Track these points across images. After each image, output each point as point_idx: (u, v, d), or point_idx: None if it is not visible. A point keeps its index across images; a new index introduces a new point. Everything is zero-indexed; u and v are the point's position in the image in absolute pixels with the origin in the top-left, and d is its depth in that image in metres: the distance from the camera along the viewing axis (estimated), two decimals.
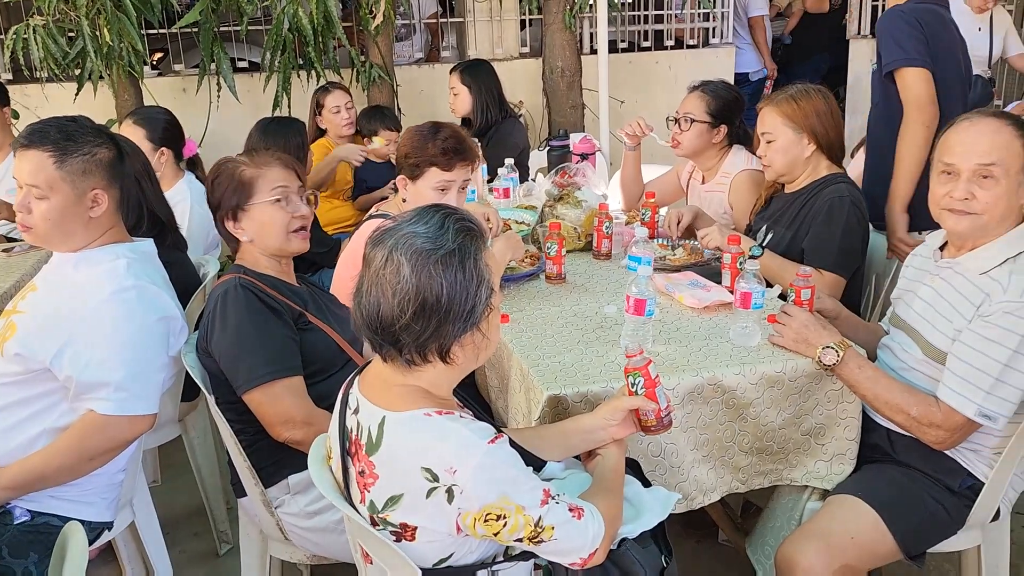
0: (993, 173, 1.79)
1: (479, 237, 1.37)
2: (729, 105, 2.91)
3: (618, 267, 2.57)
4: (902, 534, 1.83)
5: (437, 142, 2.38)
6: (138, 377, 1.87)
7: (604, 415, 1.63)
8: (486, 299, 1.35)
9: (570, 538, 1.36)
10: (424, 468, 1.30)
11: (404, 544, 1.37)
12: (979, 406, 1.76)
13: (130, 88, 4.45)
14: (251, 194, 1.97)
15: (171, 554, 2.34)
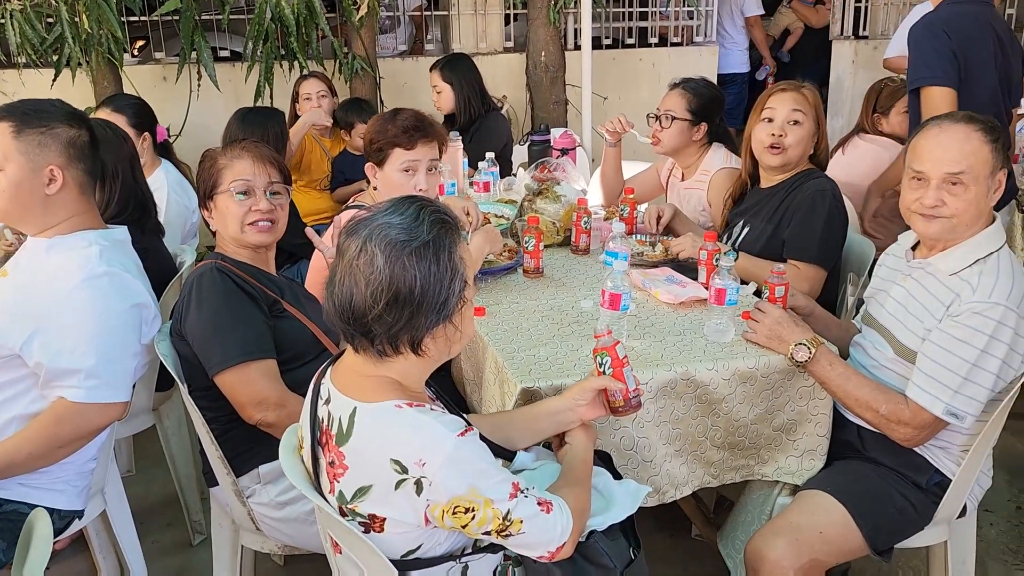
0: (962, 180, 1.81)
1: (454, 230, 1.37)
2: (710, 103, 2.92)
3: (596, 262, 2.58)
4: (870, 529, 1.86)
5: (397, 123, 2.40)
6: (110, 365, 1.86)
7: (572, 395, 1.64)
8: (460, 292, 1.35)
9: (538, 532, 1.36)
10: (393, 460, 1.31)
11: (373, 535, 1.37)
12: (947, 404, 1.78)
13: (109, 75, 4.41)
14: (216, 185, 2.02)
15: (144, 544, 2.33)
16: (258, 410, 1.87)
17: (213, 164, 2.03)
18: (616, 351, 1.62)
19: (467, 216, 2.55)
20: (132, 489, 2.38)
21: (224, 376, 1.88)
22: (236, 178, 2.00)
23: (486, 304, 2.22)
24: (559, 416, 1.65)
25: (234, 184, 1.99)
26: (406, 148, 2.38)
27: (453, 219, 1.38)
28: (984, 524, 2.71)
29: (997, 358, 1.76)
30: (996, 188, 1.86)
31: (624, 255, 2.25)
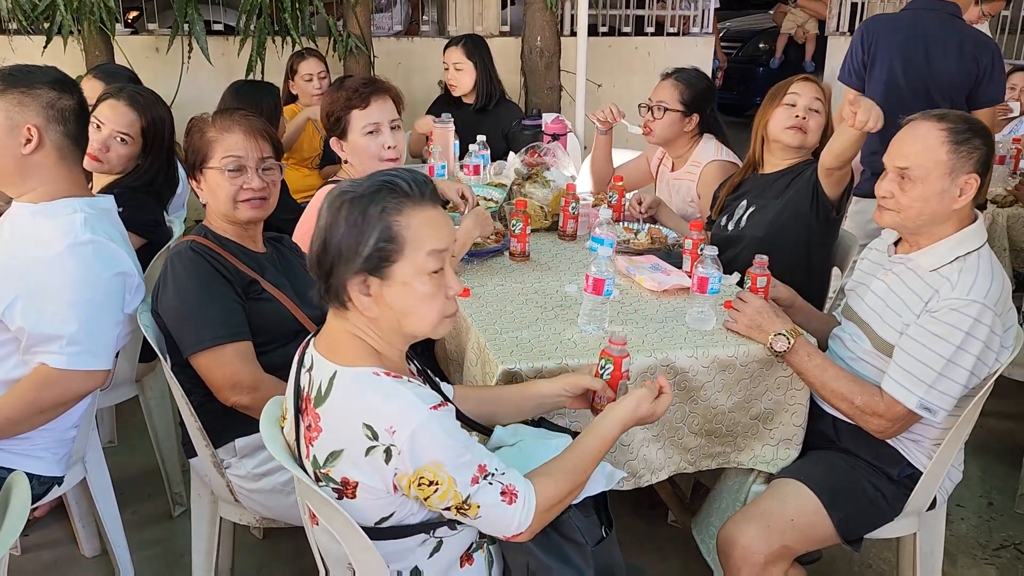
0: (909, 175, 1.84)
1: (403, 195, 1.35)
2: (702, 94, 2.93)
3: (582, 248, 2.59)
4: (840, 519, 1.89)
5: (346, 86, 2.39)
6: (92, 332, 1.86)
7: (563, 385, 1.68)
8: (386, 252, 1.34)
9: (494, 520, 1.37)
10: (365, 425, 1.32)
11: (346, 502, 1.39)
12: (921, 399, 1.80)
13: (101, 44, 4.39)
14: (206, 158, 1.96)
15: (124, 514, 2.34)
16: (233, 392, 1.86)
17: (202, 135, 1.96)
18: (621, 363, 1.66)
19: (462, 198, 2.55)
20: (114, 460, 2.38)
21: (198, 358, 1.87)
22: (227, 153, 1.94)
23: (471, 285, 2.23)
24: (546, 400, 1.68)
25: (225, 160, 1.94)
26: (361, 107, 2.35)
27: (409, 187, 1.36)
28: (955, 519, 2.76)
29: (972, 355, 1.79)
30: (961, 192, 1.83)
31: (610, 241, 2.26)
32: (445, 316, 1.41)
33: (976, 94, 3.02)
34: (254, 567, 2.47)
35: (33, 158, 1.88)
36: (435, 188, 1.42)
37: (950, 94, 2.98)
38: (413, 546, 1.43)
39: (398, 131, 2.42)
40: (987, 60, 2.99)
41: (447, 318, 1.41)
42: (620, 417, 1.53)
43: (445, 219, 1.41)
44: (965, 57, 2.97)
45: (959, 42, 2.99)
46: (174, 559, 2.46)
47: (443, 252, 1.38)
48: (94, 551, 2.47)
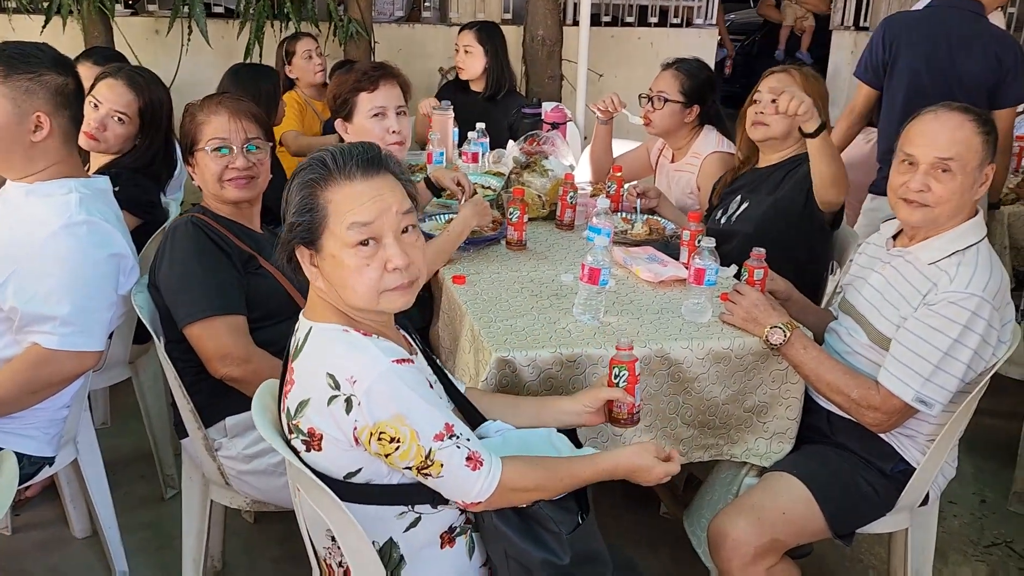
0: (950, 167, 1.82)
1: (327, 170, 1.39)
2: (703, 85, 2.91)
3: (579, 237, 2.58)
4: (832, 513, 1.88)
5: (355, 70, 2.42)
6: (85, 313, 1.85)
7: (584, 402, 1.67)
8: (309, 224, 1.39)
9: (455, 483, 1.38)
10: (329, 375, 1.35)
11: (314, 455, 1.40)
12: (917, 392, 1.80)
13: (100, 25, 4.36)
14: (196, 141, 2.02)
15: (116, 496, 2.33)
16: (223, 364, 1.88)
17: (192, 119, 2.02)
18: (634, 367, 1.66)
19: (458, 187, 2.54)
20: (106, 441, 2.38)
21: (191, 329, 1.89)
22: (213, 135, 1.99)
23: (467, 273, 2.22)
24: (565, 417, 1.68)
25: (211, 141, 1.99)
26: (370, 91, 2.37)
27: (337, 162, 1.40)
28: (948, 515, 2.76)
29: (969, 348, 1.78)
30: (982, 182, 1.87)
31: (607, 231, 2.25)
32: (385, 290, 1.40)
33: (998, 94, 3.01)
34: (244, 550, 2.48)
35: (40, 144, 1.87)
36: (373, 160, 1.42)
37: (974, 93, 2.96)
38: (389, 516, 1.43)
39: (403, 117, 2.45)
40: (1011, 60, 2.98)
41: (390, 292, 1.41)
42: (619, 458, 1.52)
43: (375, 192, 1.39)
44: (989, 56, 2.96)
45: (983, 41, 2.98)
46: (165, 541, 2.45)
47: (367, 225, 1.38)
48: (85, 532, 2.47)
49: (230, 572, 2.40)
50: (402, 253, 1.40)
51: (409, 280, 1.43)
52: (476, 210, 2.35)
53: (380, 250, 1.39)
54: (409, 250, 1.42)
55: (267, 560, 2.44)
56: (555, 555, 1.43)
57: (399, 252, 1.40)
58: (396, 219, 1.41)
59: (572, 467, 1.48)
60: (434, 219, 2.58)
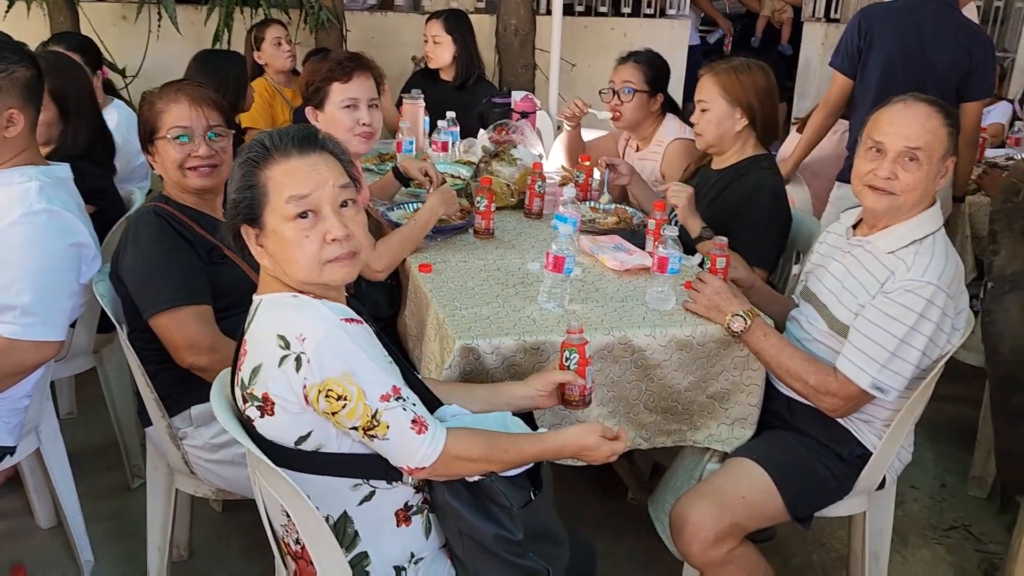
0: (918, 157, 1.85)
1: (265, 150, 1.43)
2: (663, 73, 2.95)
3: (548, 226, 2.58)
4: (791, 497, 1.91)
5: (330, 59, 2.40)
6: (46, 303, 1.84)
7: (536, 385, 1.70)
8: (249, 202, 1.43)
9: (402, 446, 1.39)
10: (279, 336, 1.37)
11: (267, 420, 1.41)
12: (873, 378, 1.83)
13: (66, 11, 4.29)
14: (156, 129, 2.00)
15: (82, 486, 2.32)
16: (190, 353, 1.87)
17: (151, 107, 2.00)
18: (584, 350, 1.68)
19: (425, 177, 2.55)
20: (73, 432, 2.37)
21: (157, 319, 1.88)
22: (174, 123, 1.97)
23: (433, 262, 2.22)
24: (518, 401, 1.70)
25: (172, 129, 1.97)
26: (343, 81, 2.35)
27: (275, 141, 1.44)
28: (908, 500, 2.81)
29: (924, 335, 1.82)
30: (943, 174, 1.90)
31: (572, 220, 2.26)
32: (326, 261, 1.43)
33: (966, 86, 3.07)
34: (213, 540, 2.47)
35: (11, 140, 1.87)
36: (309, 138, 1.46)
37: (944, 85, 3.01)
38: (342, 488, 1.44)
39: (375, 110, 2.43)
40: (980, 54, 3.03)
41: (331, 263, 1.43)
42: (566, 437, 1.54)
43: (311, 168, 1.43)
44: (960, 49, 3.01)
45: (955, 34, 3.03)
46: (132, 531, 2.44)
47: (305, 197, 1.41)
48: (50, 522, 2.46)
49: (197, 561, 2.40)
50: (341, 225, 1.43)
51: (350, 251, 1.45)
52: (443, 199, 2.36)
53: (319, 222, 1.42)
54: (348, 222, 1.45)
55: (235, 549, 2.44)
56: (507, 530, 1.44)
57: (338, 224, 1.42)
58: (333, 192, 1.44)
59: (518, 442, 1.50)
60: (403, 208, 2.58)
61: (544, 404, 1.73)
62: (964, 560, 2.55)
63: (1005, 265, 2.56)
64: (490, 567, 1.47)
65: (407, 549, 1.50)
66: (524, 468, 1.51)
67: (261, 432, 1.42)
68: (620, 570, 2.42)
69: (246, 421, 1.45)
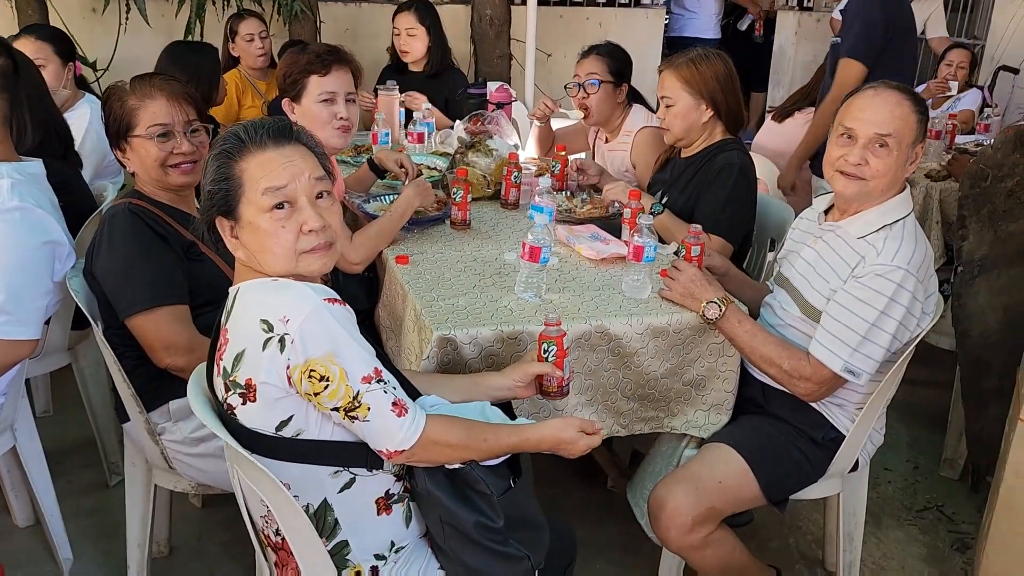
0: (888, 143, 1.88)
1: (240, 142, 1.43)
2: (626, 63, 2.98)
3: (524, 217, 2.60)
4: (766, 480, 1.94)
5: (309, 52, 2.39)
6: (19, 301, 1.82)
7: (514, 377, 1.71)
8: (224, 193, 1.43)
9: (382, 428, 1.40)
10: (262, 320, 1.37)
11: (248, 407, 1.40)
12: (845, 362, 1.86)
13: (33, 3, 4.23)
14: (132, 126, 1.96)
15: (60, 484, 2.31)
16: (167, 354, 1.86)
17: (123, 103, 1.95)
18: (562, 342, 1.70)
19: (401, 168, 2.54)
20: (49, 429, 2.35)
21: (134, 320, 1.86)
22: (153, 121, 1.94)
23: (410, 253, 2.23)
24: (496, 392, 1.71)
25: (152, 128, 1.94)
26: (321, 75, 2.34)
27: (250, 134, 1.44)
28: (883, 482, 2.86)
29: (894, 319, 1.85)
30: (913, 160, 1.93)
31: (549, 210, 2.28)
32: (302, 251, 1.44)
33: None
34: (193, 535, 2.47)
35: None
36: (283, 130, 1.46)
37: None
38: (323, 476, 1.45)
39: (352, 104, 2.43)
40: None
41: (307, 253, 1.44)
42: (544, 431, 1.55)
43: (286, 159, 1.44)
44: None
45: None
46: (111, 528, 2.43)
47: (281, 189, 1.42)
48: (28, 520, 2.44)
49: (177, 557, 2.40)
50: (317, 216, 1.44)
51: (326, 242, 1.46)
52: (418, 190, 2.36)
53: (295, 213, 1.43)
54: (324, 213, 1.46)
55: (215, 544, 2.44)
56: (488, 518, 1.46)
57: (314, 215, 1.43)
58: (309, 184, 1.44)
59: (497, 432, 1.51)
60: (379, 200, 2.58)
61: (522, 394, 1.74)
62: (937, 540, 2.60)
63: (974, 250, 2.60)
64: (471, 555, 1.48)
65: (388, 538, 1.51)
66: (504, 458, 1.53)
67: (242, 420, 1.42)
68: (600, 557, 2.44)
69: (227, 411, 1.44)
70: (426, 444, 1.43)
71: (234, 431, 1.43)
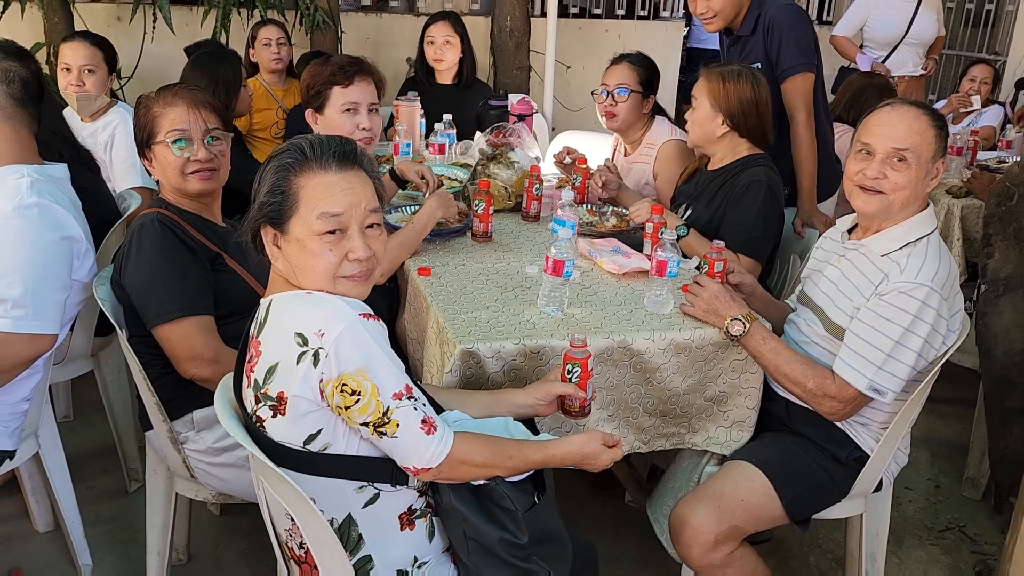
0: (906, 157, 1.87)
1: (303, 157, 1.44)
2: (655, 75, 2.97)
3: (545, 229, 2.60)
4: (789, 499, 1.93)
5: (332, 62, 2.42)
6: (37, 296, 1.83)
7: (536, 395, 1.71)
8: (278, 205, 1.44)
9: (410, 445, 1.40)
10: (297, 333, 1.37)
11: (278, 420, 1.41)
12: (870, 380, 1.85)
13: (60, 11, 4.28)
14: (154, 133, 1.99)
15: (80, 490, 2.32)
16: (193, 365, 1.87)
17: (148, 111, 1.99)
18: (587, 364, 1.69)
19: (422, 179, 2.55)
20: (69, 435, 2.36)
21: (161, 330, 1.88)
22: (172, 127, 1.97)
23: (432, 265, 2.23)
24: (518, 409, 1.71)
25: (170, 134, 1.96)
26: (344, 85, 2.37)
27: (314, 151, 1.44)
28: (903, 501, 2.83)
29: (919, 337, 1.83)
30: (934, 175, 1.92)
31: (571, 223, 2.27)
32: (341, 276, 1.45)
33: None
34: (211, 543, 2.47)
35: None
36: (349, 154, 1.47)
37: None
38: (348, 490, 1.45)
39: (375, 115, 2.45)
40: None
41: (345, 279, 1.46)
42: (569, 446, 1.56)
43: (347, 185, 1.44)
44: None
45: None
46: (129, 535, 2.44)
47: (336, 216, 1.43)
48: (47, 526, 2.45)
49: (195, 565, 2.40)
50: (365, 246, 1.45)
51: (367, 270, 1.47)
52: (441, 202, 2.36)
53: (344, 240, 1.44)
54: (372, 243, 1.47)
55: (233, 553, 2.44)
56: (512, 534, 1.45)
57: (362, 245, 1.44)
58: (363, 214, 1.45)
59: (522, 449, 1.51)
60: (400, 211, 2.59)
61: (544, 412, 1.74)
62: (959, 561, 2.57)
63: (999, 268, 2.58)
64: (494, 570, 1.48)
65: (411, 553, 1.51)
66: (528, 473, 1.52)
67: (271, 433, 1.43)
68: (618, 572, 2.43)
69: (255, 423, 1.45)
70: (453, 462, 1.43)
71: (261, 444, 1.43)
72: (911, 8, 4.76)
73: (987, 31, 6.54)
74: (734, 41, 2.95)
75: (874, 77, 4.01)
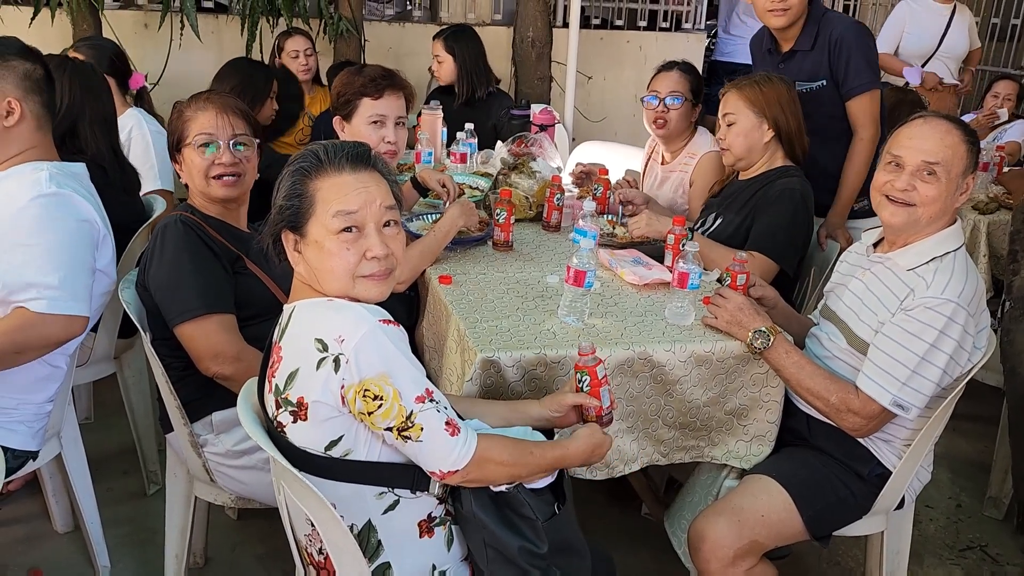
0: (936, 171, 1.86)
1: (318, 162, 1.47)
2: (701, 84, 2.97)
3: (566, 239, 2.60)
4: (810, 515, 1.91)
5: (364, 74, 2.44)
6: (69, 278, 1.85)
7: (551, 408, 1.70)
8: (296, 209, 1.46)
9: (435, 448, 1.40)
10: (317, 339, 1.38)
11: (299, 425, 1.42)
12: (894, 396, 1.83)
13: (89, 18, 4.33)
14: (183, 137, 2.02)
15: (99, 491, 2.34)
16: (215, 363, 1.88)
17: (180, 116, 2.03)
18: (596, 371, 1.68)
19: (443, 188, 2.57)
20: (90, 436, 2.38)
21: (183, 328, 1.90)
22: (200, 131, 2.00)
23: (453, 273, 2.23)
24: (535, 421, 1.71)
25: (198, 137, 2.00)
26: (374, 98, 2.40)
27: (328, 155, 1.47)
28: (924, 519, 2.80)
29: (945, 353, 1.81)
30: (963, 191, 1.90)
31: (592, 234, 2.26)
32: (360, 276, 1.46)
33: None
34: (228, 547, 2.48)
35: (13, 130, 1.90)
36: (362, 155, 1.49)
37: None
38: (368, 496, 1.45)
39: (401, 128, 2.48)
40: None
41: (365, 278, 1.47)
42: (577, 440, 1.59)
43: (361, 184, 1.46)
44: None
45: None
46: (147, 536, 2.46)
47: (352, 214, 1.44)
48: (67, 527, 2.47)
49: (213, 568, 2.41)
50: (382, 244, 1.46)
51: (386, 269, 1.48)
52: (463, 210, 2.37)
53: (361, 239, 1.46)
54: (389, 242, 1.48)
55: (250, 557, 2.45)
56: (533, 543, 1.45)
57: (379, 242, 1.46)
58: (379, 211, 1.47)
59: (540, 446, 1.53)
60: (421, 219, 2.59)
61: (560, 424, 1.73)
62: None
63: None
64: None
65: (429, 560, 1.51)
66: (548, 481, 1.52)
67: (292, 438, 1.43)
68: None
69: (276, 428, 1.45)
70: (479, 462, 1.43)
71: (283, 448, 1.44)
72: (943, 22, 4.76)
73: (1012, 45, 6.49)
74: (786, 57, 2.88)
75: (907, 93, 3.99)
